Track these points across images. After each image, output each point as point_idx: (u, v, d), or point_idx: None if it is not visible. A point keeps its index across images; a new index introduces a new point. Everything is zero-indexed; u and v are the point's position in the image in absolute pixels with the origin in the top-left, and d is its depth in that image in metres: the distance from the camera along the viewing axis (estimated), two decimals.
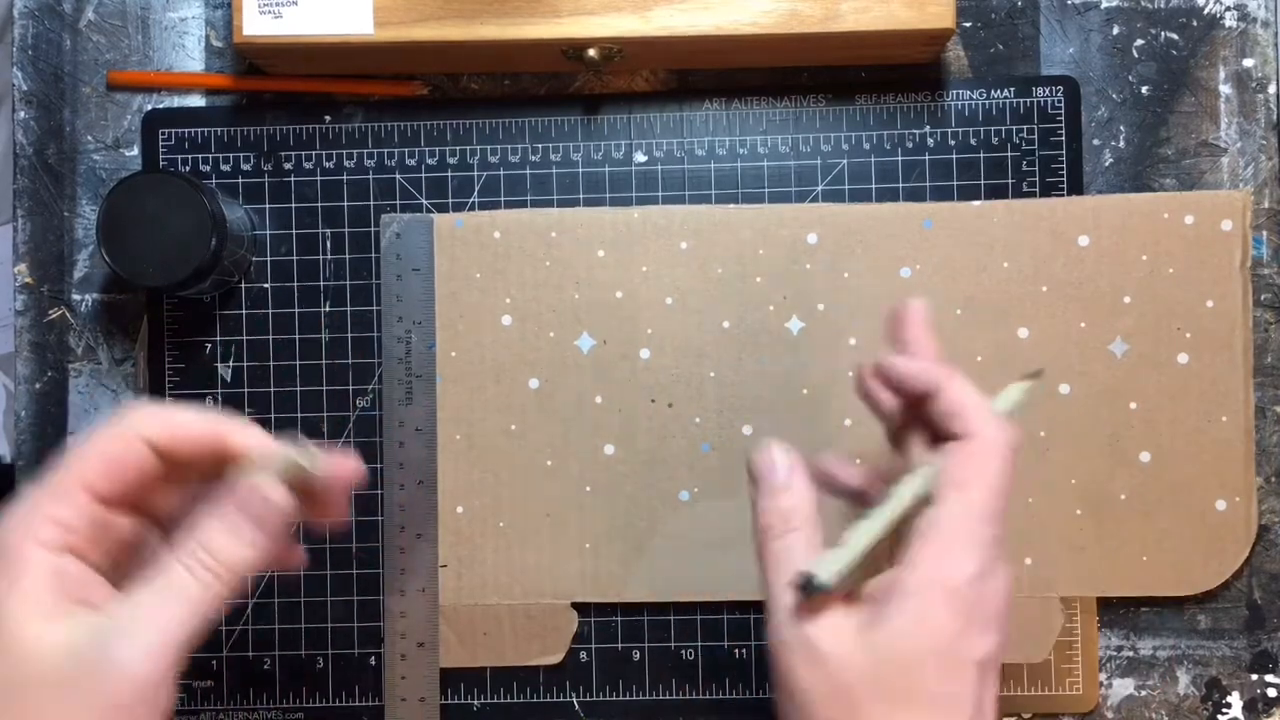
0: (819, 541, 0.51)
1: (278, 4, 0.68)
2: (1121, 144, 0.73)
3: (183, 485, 0.51)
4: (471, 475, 0.72)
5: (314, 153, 0.74)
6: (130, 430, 0.48)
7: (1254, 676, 0.72)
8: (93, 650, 0.44)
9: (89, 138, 0.75)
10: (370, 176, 0.74)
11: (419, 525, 0.72)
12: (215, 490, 0.49)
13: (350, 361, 0.74)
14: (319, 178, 0.74)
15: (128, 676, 0.43)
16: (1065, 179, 0.73)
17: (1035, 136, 0.73)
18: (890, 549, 0.51)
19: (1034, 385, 0.56)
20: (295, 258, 0.74)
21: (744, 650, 0.73)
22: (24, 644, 0.43)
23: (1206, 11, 0.73)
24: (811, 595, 0.48)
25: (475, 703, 0.73)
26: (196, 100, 0.75)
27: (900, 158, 0.73)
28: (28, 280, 0.75)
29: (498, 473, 0.72)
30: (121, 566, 0.49)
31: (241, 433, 0.50)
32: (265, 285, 0.74)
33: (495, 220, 0.72)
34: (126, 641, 0.44)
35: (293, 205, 0.74)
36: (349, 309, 0.74)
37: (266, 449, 0.49)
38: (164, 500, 0.51)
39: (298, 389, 0.74)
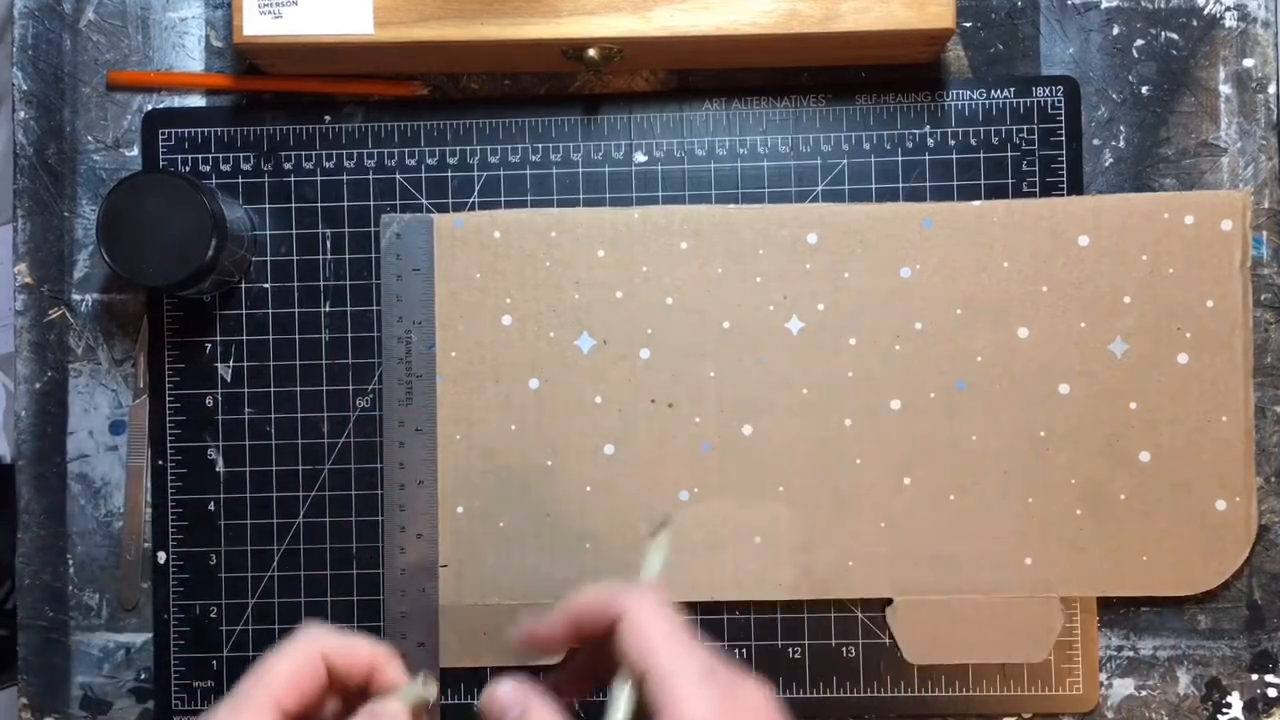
0: None
1: (278, 4, 0.68)
2: (1121, 144, 0.73)
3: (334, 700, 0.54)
4: (471, 475, 0.72)
5: (314, 153, 0.74)
6: (313, 648, 0.51)
7: (1254, 676, 0.72)
8: None
9: (89, 138, 0.75)
10: (370, 176, 0.74)
11: (419, 525, 0.72)
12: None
13: (350, 361, 0.74)
14: (319, 178, 0.74)
15: None
16: (1065, 179, 0.73)
17: (1035, 136, 0.73)
18: None
19: (668, 535, 0.56)
20: (295, 258, 0.74)
21: (744, 650, 0.73)
22: None
23: (1206, 11, 0.73)
24: None
25: (476, 703, 0.73)
26: (196, 100, 0.75)
27: (900, 158, 0.73)
28: (28, 280, 0.75)
29: (498, 473, 0.72)
30: None
31: (394, 664, 0.53)
32: (265, 285, 0.74)
33: (495, 220, 0.72)
34: None
35: (293, 205, 0.74)
36: (349, 309, 0.74)
37: (402, 679, 0.53)
38: (322, 712, 0.54)
39: (298, 389, 0.74)
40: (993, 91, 0.73)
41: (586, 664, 0.56)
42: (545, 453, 0.72)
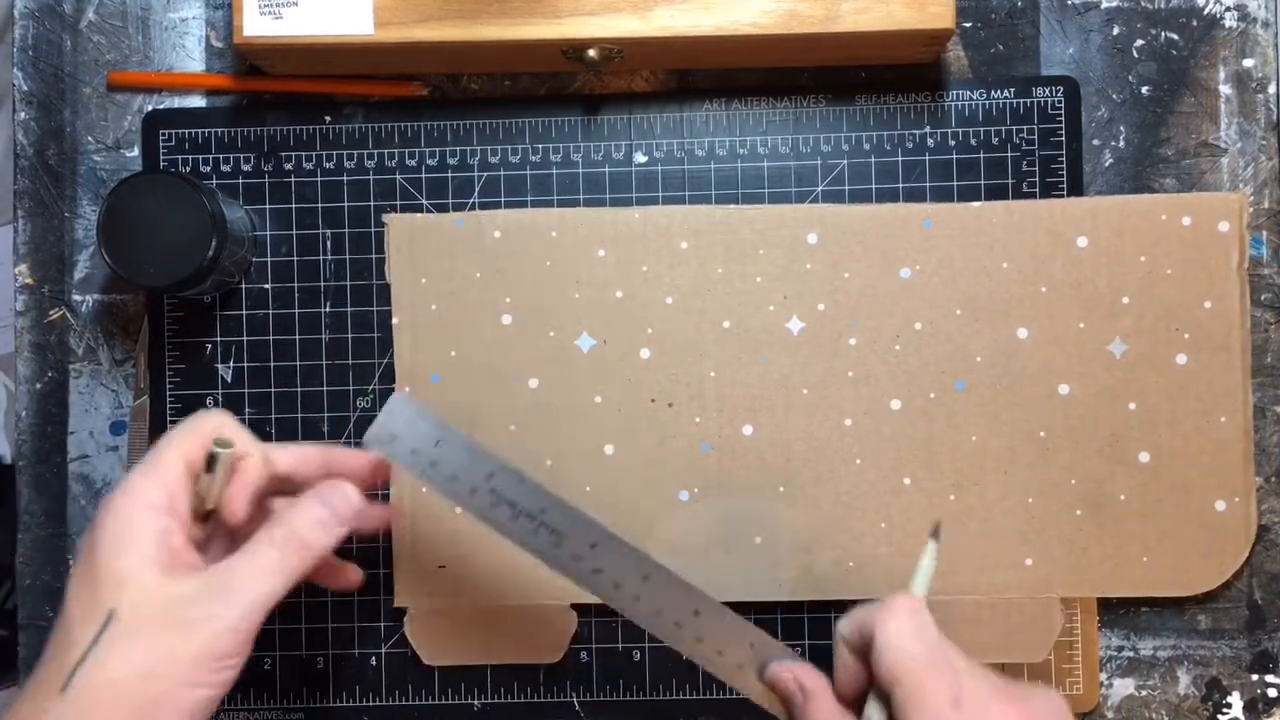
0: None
1: (278, 4, 0.68)
2: (1121, 144, 0.73)
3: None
4: None
5: (314, 153, 0.74)
6: (210, 420, 0.58)
7: (1254, 676, 0.72)
8: (200, 604, 0.52)
9: (89, 138, 0.75)
10: (370, 177, 0.74)
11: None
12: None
13: (350, 362, 0.74)
14: (319, 178, 0.74)
15: (227, 629, 0.52)
16: (1065, 179, 0.73)
17: (1035, 137, 0.73)
18: None
19: (937, 546, 0.58)
20: (295, 258, 0.74)
21: None
22: (142, 591, 0.52)
23: (1206, 11, 0.73)
24: None
25: (475, 703, 0.73)
26: (197, 101, 0.75)
27: (900, 158, 0.73)
28: (28, 281, 0.75)
29: None
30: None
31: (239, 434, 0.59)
32: (266, 286, 0.74)
33: (495, 220, 0.72)
34: (225, 599, 0.53)
35: (293, 206, 0.74)
36: (349, 309, 0.74)
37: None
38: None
39: (298, 389, 0.74)
40: (993, 92, 0.73)
41: (854, 676, 0.57)
42: (545, 453, 0.72)
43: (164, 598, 0.52)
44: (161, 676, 0.51)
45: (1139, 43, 0.73)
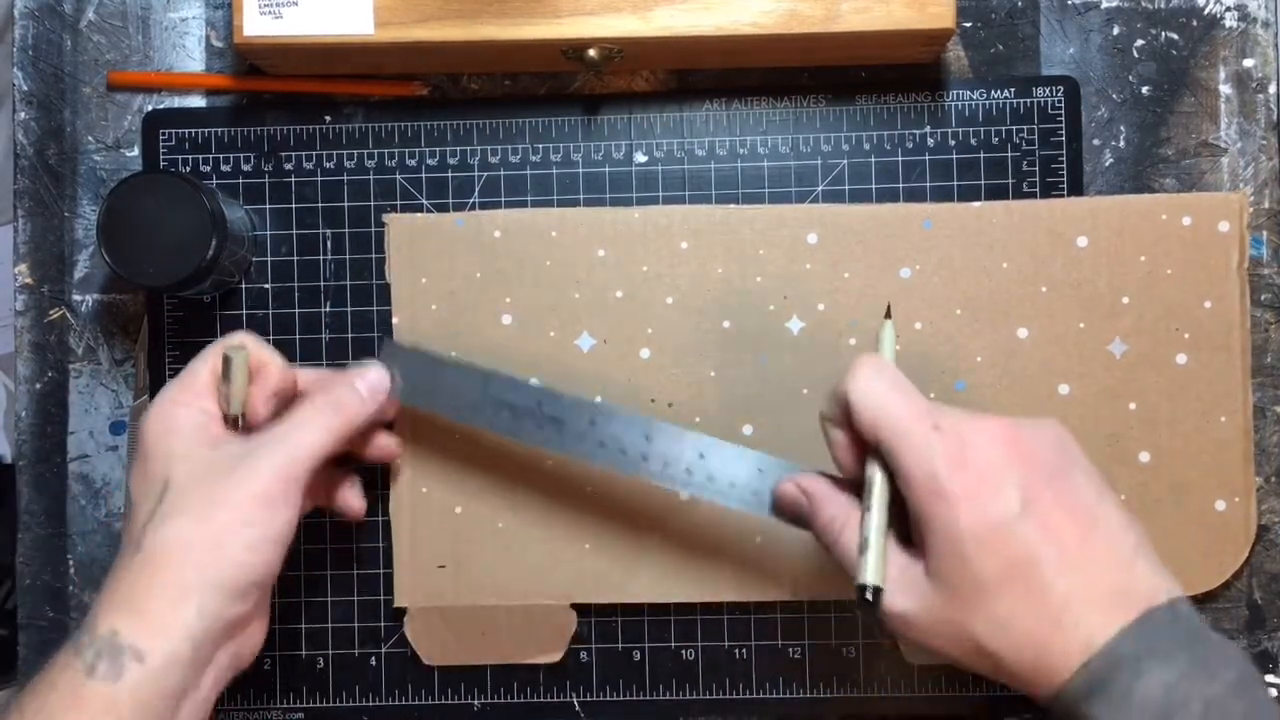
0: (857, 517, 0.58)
1: (278, 4, 0.68)
2: (1121, 144, 0.73)
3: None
4: (471, 475, 0.72)
5: (314, 153, 0.74)
6: (234, 337, 0.64)
7: None
8: (246, 455, 0.59)
9: (89, 138, 0.75)
10: (371, 177, 0.74)
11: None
12: None
13: (350, 362, 0.73)
14: (319, 178, 0.74)
15: (273, 473, 0.58)
16: (1065, 179, 0.73)
17: (1035, 136, 0.73)
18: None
19: (892, 324, 0.62)
20: (295, 258, 0.74)
21: (744, 650, 0.73)
22: (191, 460, 0.59)
23: (1206, 11, 0.73)
24: (876, 598, 0.55)
25: (475, 703, 0.73)
26: (197, 101, 0.75)
27: (900, 158, 0.73)
28: (28, 280, 0.75)
29: (497, 473, 0.72)
30: None
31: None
32: (265, 286, 0.74)
33: (496, 219, 0.72)
34: (270, 449, 0.59)
35: (293, 205, 0.74)
36: (349, 309, 0.74)
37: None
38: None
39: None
40: (993, 91, 0.73)
41: (848, 450, 0.60)
42: (544, 453, 0.72)
43: (215, 459, 0.59)
44: (216, 520, 0.57)
45: (1139, 43, 0.73)
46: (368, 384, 0.64)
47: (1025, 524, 0.52)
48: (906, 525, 0.56)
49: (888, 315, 0.61)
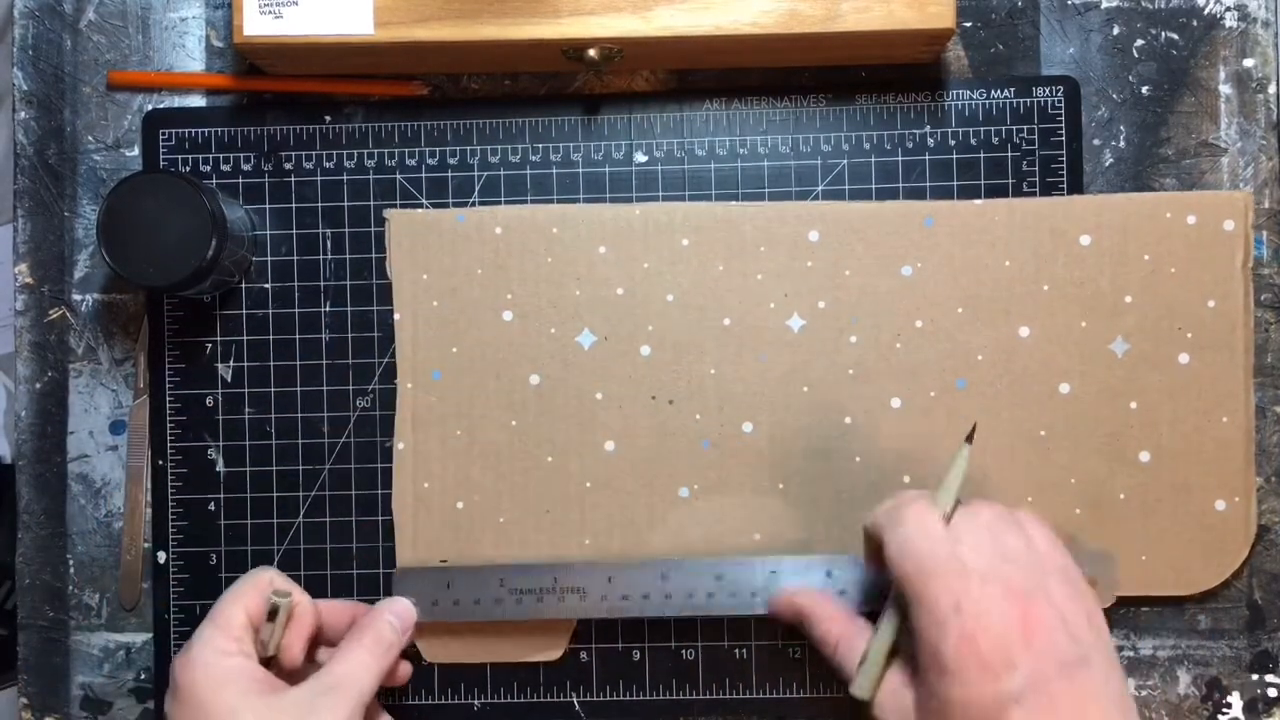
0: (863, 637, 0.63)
1: (278, 4, 0.68)
2: (1121, 144, 0.73)
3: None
4: (472, 471, 0.72)
5: (314, 153, 0.74)
6: (264, 575, 0.65)
7: (1254, 676, 0.72)
8: (312, 709, 0.59)
9: (89, 138, 0.75)
10: (371, 177, 0.74)
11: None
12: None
13: (350, 362, 0.74)
14: (319, 178, 0.74)
15: None
16: (1065, 179, 0.73)
17: (1035, 136, 0.73)
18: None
19: (968, 451, 0.62)
20: (296, 258, 0.74)
21: (744, 650, 0.73)
22: (256, 713, 0.58)
23: (1206, 11, 0.73)
24: (862, 703, 0.60)
25: (475, 703, 0.73)
26: (197, 100, 0.75)
27: (900, 158, 0.73)
28: (28, 280, 0.75)
29: (498, 469, 0.72)
30: None
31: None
32: (266, 285, 0.74)
33: (497, 216, 0.72)
34: (333, 700, 0.60)
35: (293, 205, 0.74)
36: (349, 309, 0.74)
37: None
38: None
39: (298, 389, 0.74)
40: (993, 91, 0.73)
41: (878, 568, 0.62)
42: (545, 449, 0.72)
43: (281, 710, 0.59)
44: None
45: (1139, 43, 0.73)
46: (399, 618, 0.67)
47: (1020, 710, 0.52)
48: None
49: (969, 439, 0.62)
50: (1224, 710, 0.72)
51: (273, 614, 0.64)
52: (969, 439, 0.62)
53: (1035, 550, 0.57)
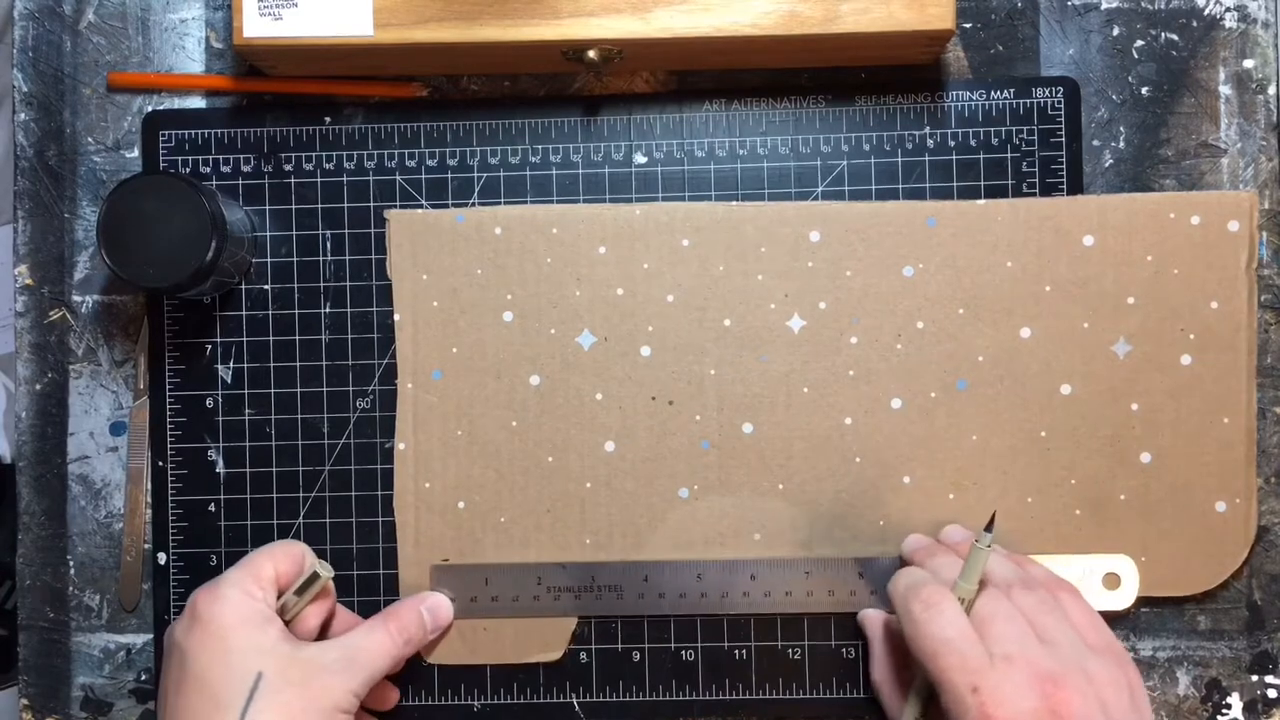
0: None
1: (278, 6, 0.68)
2: (1121, 145, 0.73)
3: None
4: (472, 471, 0.72)
5: (314, 154, 0.74)
6: (298, 544, 0.67)
7: (1254, 677, 0.72)
8: (333, 671, 0.63)
9: (89, 139, 0.75)
10: (370, 178, 0.74)
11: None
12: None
13: (350, 363, 0.74)
14: (319, 179, 0.74)
15: (351, 692, 0.63)
16: (1065, 180, 0.73)
17: (1035, 137, 0.73)
18: None
19: (990, 539, 0.62)
20: (295, 259, 0.74)
21: (744, 650, 0.72)
22: (282, 657, 0.61)
23: (1206, 12, 0.73)
24: None
25: (475, 703, 0.73)
26: (197, 102, 0.75)
27: (900, 159, 0.73)
28: (28, 281, 0.75)
29: (499, 469, 0.72)
30: None
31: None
32: (265, 286, 0.74)
33: (497, 216, 0.72)
34: (352, 670, 0.63)
35: (293, 206, 0.74)
36: (349, 310, 0.74)
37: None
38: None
39: (298, 390, 0.74)
40: (992, 92, 0.73)
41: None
42: (546, 449, 0.72)
43: (303, 661, 0.62)
44: None
45: (1139, 43, 0.73)
46: (432, 613, 0.70)
47: None
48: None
49: (988, 528, 0.62)
50: (1223, 711, 0.72)
51: (304, 586, 0.65)
52: (988, 528, 0.62)
53: (1073, 631, 0.59)
